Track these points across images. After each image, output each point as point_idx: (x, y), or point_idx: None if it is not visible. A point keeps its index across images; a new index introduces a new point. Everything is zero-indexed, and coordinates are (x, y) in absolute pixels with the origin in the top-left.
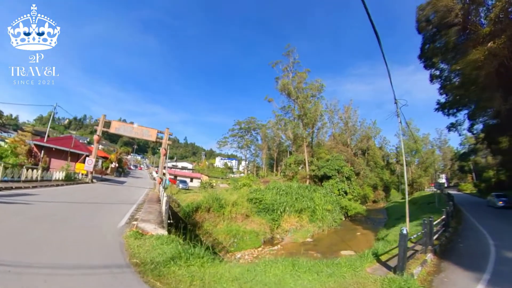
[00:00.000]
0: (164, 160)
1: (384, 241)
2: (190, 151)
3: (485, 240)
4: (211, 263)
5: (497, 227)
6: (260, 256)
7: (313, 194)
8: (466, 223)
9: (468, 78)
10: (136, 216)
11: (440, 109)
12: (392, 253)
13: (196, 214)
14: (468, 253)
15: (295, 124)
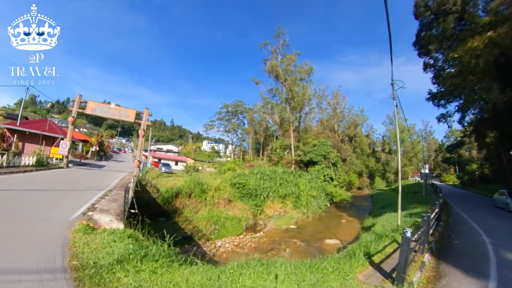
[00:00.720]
0: (143, 142)
1: (372, 234)
2: (177, 134)
3: (479, 236)
4: (167, 267)
5: (486, 220)
6: (241, 244)
7: (298, 179)
8: (455, 216)
9: (466, 66)
10: (97, 205)
11: (431, 99)
12: (386, 252)
13: (176, 200)
14: (466, 253)
15: (282, 108)
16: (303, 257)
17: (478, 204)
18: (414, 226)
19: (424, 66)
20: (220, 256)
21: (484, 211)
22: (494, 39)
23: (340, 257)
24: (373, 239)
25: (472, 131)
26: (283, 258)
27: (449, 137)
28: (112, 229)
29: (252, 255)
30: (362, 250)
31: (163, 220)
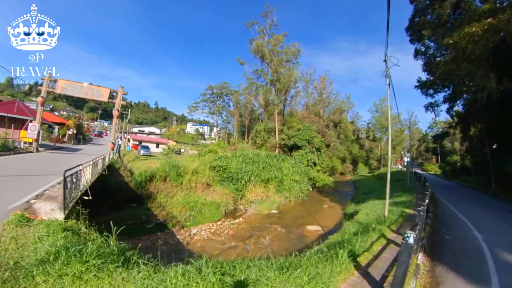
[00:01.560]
0: (117, 123)
1: (356, 224)
2: (161, 116)
3: (470, 232)
4: (97, 271)
5: (473, 213)
6: (219, 231)
7: (282, 163)
8: (442, 207)
9: (462, 53)
10: (48, 191)
11: (420, 87)
12: (373, 252)
13: (150, 184)
14: (460, 251)
15: (267, 90)
16: (283, 245)
17: (462, 195)
18: (402, 217)
19: (415, 53)
20: (194, 245)
21: (469, 203)
22: (494, 25)
23: (320, 257)
24: (357, 231)
25: (458, 123)
26: (247, 258)
27: (433, 127)
28: (51, 220)
29: (229, 243)
30: (346, 249)
31: (135, 206)
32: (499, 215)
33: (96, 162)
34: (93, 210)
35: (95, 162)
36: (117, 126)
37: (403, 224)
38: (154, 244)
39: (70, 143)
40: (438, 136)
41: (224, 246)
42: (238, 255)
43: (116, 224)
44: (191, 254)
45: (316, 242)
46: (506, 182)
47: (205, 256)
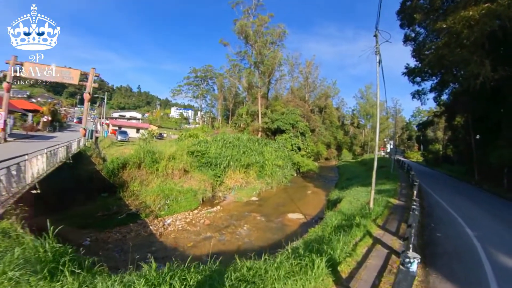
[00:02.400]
0: (88, 107)
1: (338, 214)
2: (144, 100)
3: (461, 228)
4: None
5: (460, 205)
6: (194, 220)
7: (264, 148)
8: (429, 198)
9: (456, 38)
10: None
11: (408, 74)
12: (357, 257)
13: (123, 171)
14: (453, 254)
15: (250, 72)
16: (262, 235)
17: (446, 184)
18: (387, 208)
19: (405, 38)
20: (168, 237)
21: (454, 193)
22: (493, 10)
23: (292, 265)
24: (340, 225)
25: (444, 112)
26: (207, 267)
27: (416, 116)
28: None
29: (204, 234)
30: (324, 255)
31: (106, 196)
32: (485, 207)
33: (55, 151)
34: (58, 203)
35: (53, 151)
36: (98, 111)
37: (389, 217)
38: (125, 237)
39: (45, 131)
40: (423, 124)
41: (199, 237)
42: (213, 247)
43: (86, 217)
44: (163, 247)
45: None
46: (489, 173)
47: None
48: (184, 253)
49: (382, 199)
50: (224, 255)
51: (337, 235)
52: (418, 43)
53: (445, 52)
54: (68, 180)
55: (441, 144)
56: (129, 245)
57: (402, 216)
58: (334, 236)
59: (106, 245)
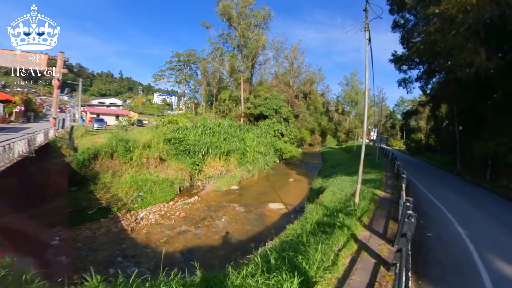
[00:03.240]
0: (58, 94)
1: (320, 208)
2: (126, 86)
3: (451, 225)
4: None
5: (448, 198)
6: (169, 213)
7: (246, 134)
8: (414, 189)
9: (450, 23)
10: None
11: (394, 62)
12: (339, 271)
13: (95, 162)
14: (447, 261)
15: (233, 55)
16: (240, 228)
17: (429, 173)
18: (373, 202)
19: (394, 25)
20: (140, 232)
21: (439, 184)
22: None
23: (258, 282)
24: (321, 219)
25: (429, 101)
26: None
27: (400, 105)
28: None
29: (179, 228)
30: (297, 272)
31: (75, 190)
32: (473, 201)
33: (12, 146)
34: (27, 201)
35: (7, 146)
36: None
37: (376, 213)
38: (95, 234)
39: (18, 122)
40: (408, 113)
41: (173, 232)
42: (188, 242)
43: (54, 214)
44: (134, 244)
45: (273, 227)
46: (471, 164)
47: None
48: (156, 251)
49: (368, 190)
50: (198, 251)
51: (316, 237)
52: (407, 30)
53: (438, 37)
54: (35, 176)
55: (423, 133)
56: (99, 243)
57: (389, 212)
58: (312, 239)
59: (75, 243)
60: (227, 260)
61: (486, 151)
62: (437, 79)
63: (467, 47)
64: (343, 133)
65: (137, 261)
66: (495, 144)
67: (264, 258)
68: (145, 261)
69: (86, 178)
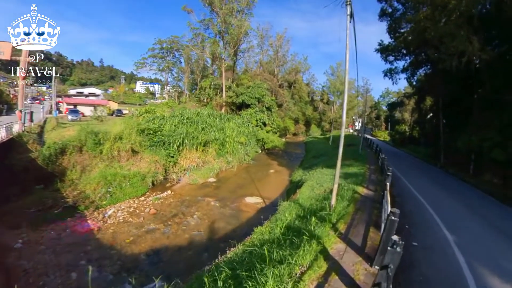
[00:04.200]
0: (24, 86)
1: (294, 208)
2: (108, 75)
3: (438, 230)
4: None
5: (433, 193)
6: (139, 210)
7: (226, 124)
8: (397, 181)
9: (441, 10)
10: None
11: (380, 51)
12: None
13: (63, 157)
14: (435, 279)
15: (214, 41)
16: (213, 225)
17: (413, 166)
18: (353, 202)
19: (381, 13)
20: (106, 232)
21: (423, 177)
22: None
23: None
24: (293, 222)
25: (414, 93)
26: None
27: (385, 96)
28: None
29: (147, 226)
30: None
31: (42, 188)
32: (456, 196)
33: None
34: None
35: None
36: (57, 89)
37: (355, 217)
38: (60, 235)
39: None
40: (393, 105)
41: (141, 231)
42: (155, 241)
43: (18, 214)
44: (99, 245)
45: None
46: (455, 157)
47: None
48: (121, 252)
49: (349, 187)
50: (165, 252)
51: (281, 249)
52: (395, 19)
53: (428, 25)
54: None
55: (408, 125)
56: (63, 245)
57: (371, 215)
58: (276, 252)
59: (38, 246)
60: (194, 263)
61: (470, 145)
62: (423, 70)
63: (459, 35)
64: (327, 123)
65: (101, 264)
66: (480, 139)
67: (212, 278)
68: (109, 264)
69: (54, 175)
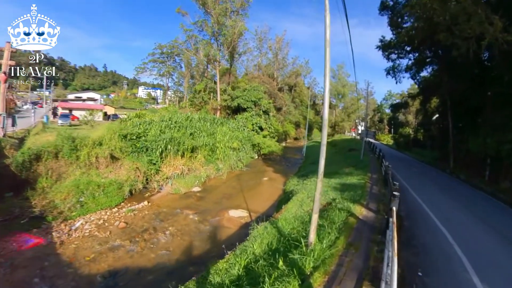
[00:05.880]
0: (6, 90)
1: (275, 233)
2: (110, 80)
3: (463, 273)
4: None
5: (446, 208)
6: (108, 222)
7: (218, 128)
8: (404, 195)
9: None
10: None
11: (382, 49)
12: None
13: (39, 164)
14: None
15: (207, 43)
16: (185, 245)
17: (421, 173)
18: (344, 234)
19: (382, 6)
20: (69, 246)
21: (433, 187)
22: None
23: None
24: (264, 253)
25: (419, 93)
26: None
27: (388, 99)
28: None
29: (112, 242)
30: None
31: (10, 196)
32: (474, 211)
33: None
34: None
35: None
36: (57, 93)
37: (344, 261)
38: (21, 247)
39: None
40: (397, 106)
41: (104, 247)
42: (117, 261)
43: None
44: (57, 261)
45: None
46: (465, 161)
47: None
48: (77, 271)
49: (343, 205)
50: (125, 274)
51: None
52: (397, 13)
53: (436, 7)
54: None
55: (412, 128)
56: (22, 259)
57: (368, 257)
58: None
59: None
60: None
61: (484, 148)
62: (430, 67)
63: (477, 13)
64: (329, 127)
65: (54, 283)
66: (497, 141)
67: None
68: (62, 284)
69: (29, 182)
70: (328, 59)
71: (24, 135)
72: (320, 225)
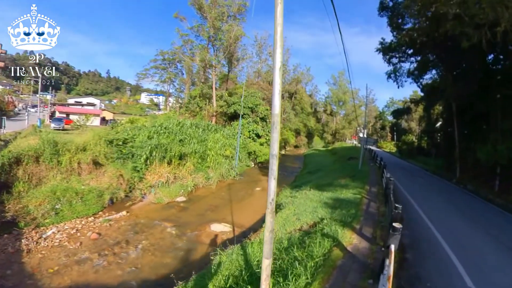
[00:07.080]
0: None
1: (236, 263)
2: (113, 86)
3: None
4: None
5: (461, 233)
6: (82, 232)
7: (210, 135)
8: (408, 212)
9: None
10: None
11: (382, 52)
12: None
13: (19, 167)
14: None
15: (203, 47)
16: (156, 261)
17: (426, 184)
18: (324, 276)
19: (381, 7)
20: (35, 255)
21: (439, 198)
22: None
23: None
24: None
25: (423, 99)
26: None
27: (390, 106)
28: None
29: (80, 254)
30: None
31: None
32: (490, 231)
33: None
34: None
35: None
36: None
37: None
38: None
39: None
40: (399, 112)
41: (71, 259)
42: (80, 276)
43: None
44: (20, 271)
45: (199, 264)
46: (473, 170)
47: None
48: (38, 283)
49: (330, 229)
50: None
51: None
52: (396, 13)
53: None
54: None
55: (415, 135)
56: None
57: None
58: None
59: None
60: None
61: (493, 156)
62: (433, 70)
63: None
64: (329, 134)
65: None
66: (507, 148)
67: None
68: None
69: (8, 186)
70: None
71: (11, 138)
72: (294, 257)
